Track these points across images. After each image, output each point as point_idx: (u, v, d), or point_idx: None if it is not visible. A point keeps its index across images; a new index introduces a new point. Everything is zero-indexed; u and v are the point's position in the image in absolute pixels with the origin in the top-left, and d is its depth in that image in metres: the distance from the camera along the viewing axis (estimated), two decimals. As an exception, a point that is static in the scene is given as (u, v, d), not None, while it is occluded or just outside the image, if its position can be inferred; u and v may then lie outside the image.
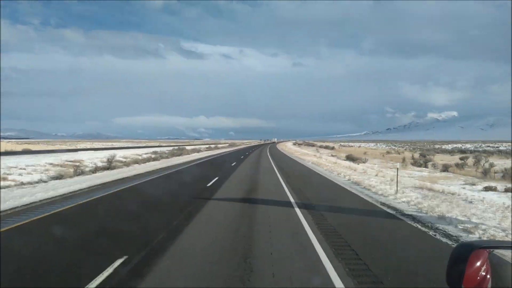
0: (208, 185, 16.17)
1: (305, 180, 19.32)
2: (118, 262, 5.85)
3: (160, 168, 25.88)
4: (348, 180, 18.72)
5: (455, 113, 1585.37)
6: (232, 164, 30.42)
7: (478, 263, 1.62)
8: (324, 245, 6.92)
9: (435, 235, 7.92)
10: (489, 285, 1.62)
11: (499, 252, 1.74)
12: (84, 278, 5.19)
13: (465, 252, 1.65)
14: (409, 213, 10.20)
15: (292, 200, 12.23)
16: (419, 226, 8.72)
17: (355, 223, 9.26)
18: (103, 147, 74.84)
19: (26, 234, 8.01)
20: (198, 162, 35.39)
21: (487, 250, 1.66)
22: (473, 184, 18.06)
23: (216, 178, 18.64)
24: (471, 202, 11.75)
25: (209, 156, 47.22)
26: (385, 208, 11.03)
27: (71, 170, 19.74)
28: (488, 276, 1.63)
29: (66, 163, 25.65)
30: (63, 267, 5.84)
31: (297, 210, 10.49)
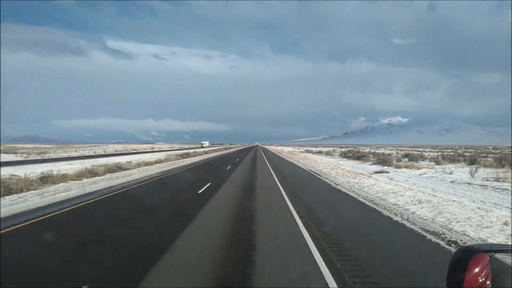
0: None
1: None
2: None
3: None
4: None
5: (399, 117, 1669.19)
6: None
7: (479, 267, 1.59)
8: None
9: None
10: None
11: (500, 256, 1.73)
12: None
13: (465, 256, 1.61)
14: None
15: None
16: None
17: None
18: None
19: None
20: None
21: (488, 254, 1.63)
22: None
23: None
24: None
25: None
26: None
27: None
28: (489, 282, 1.60)
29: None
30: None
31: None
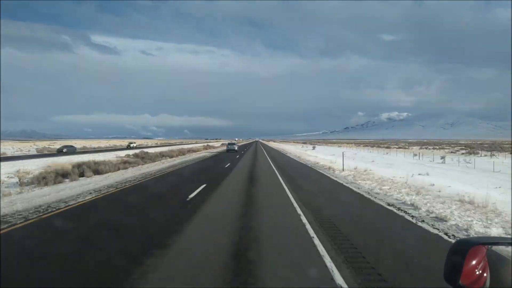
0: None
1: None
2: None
3: None
4: None
5: (396, 112, 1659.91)
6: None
7: (476, 260, 1.58)
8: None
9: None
10: (487, 281, 1.58)
11: (497, 248, 1.72)
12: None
13: (463, 249, 1.61)
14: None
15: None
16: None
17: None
18: None
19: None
20: None
21: (486, 246, 1.63)
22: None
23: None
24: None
25: None
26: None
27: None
28: (486, 274, 1.59)
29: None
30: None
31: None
